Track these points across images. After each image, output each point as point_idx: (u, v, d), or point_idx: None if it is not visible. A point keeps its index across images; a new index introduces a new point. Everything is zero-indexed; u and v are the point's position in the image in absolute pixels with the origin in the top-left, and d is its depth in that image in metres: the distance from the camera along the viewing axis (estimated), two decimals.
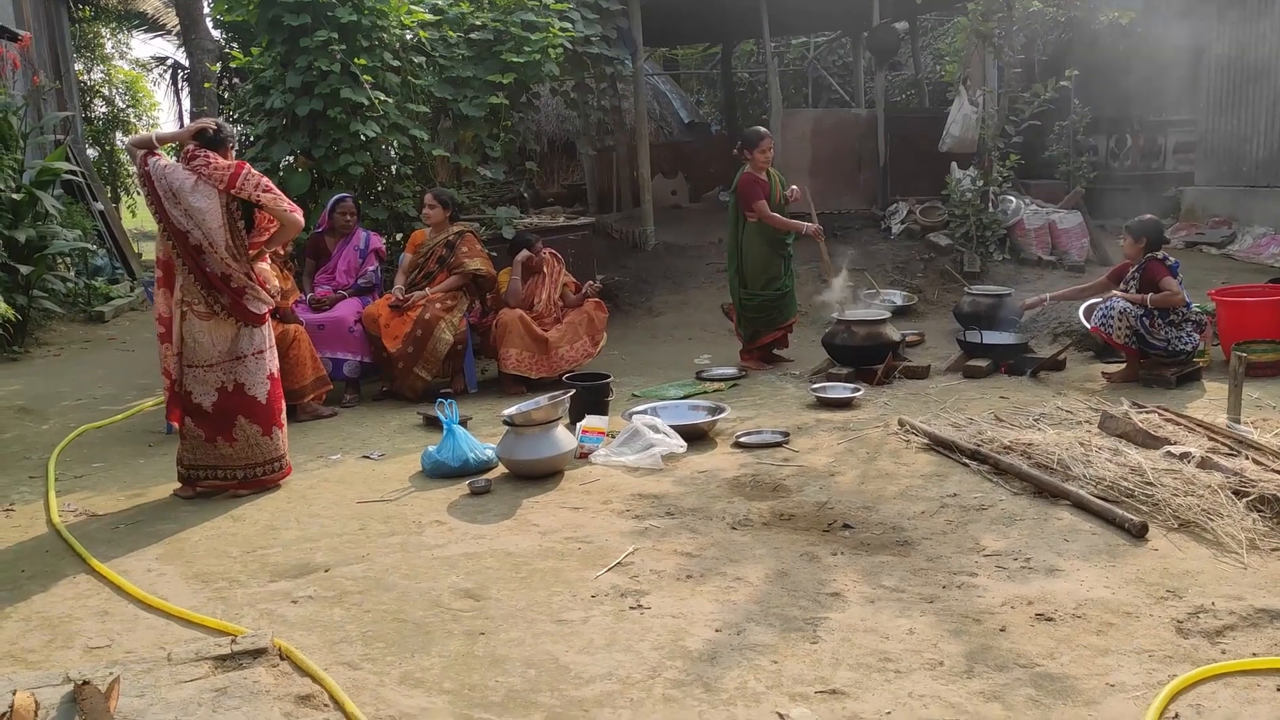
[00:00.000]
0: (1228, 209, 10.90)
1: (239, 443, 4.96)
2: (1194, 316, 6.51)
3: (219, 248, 4.80)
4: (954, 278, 9.84)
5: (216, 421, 4.94)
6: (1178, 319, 6.42)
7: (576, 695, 2.95)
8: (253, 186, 4.78)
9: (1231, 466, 4.43)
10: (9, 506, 4.95)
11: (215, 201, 4.76)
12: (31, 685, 2.82)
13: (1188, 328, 6.45)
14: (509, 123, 9.33)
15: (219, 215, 4.77)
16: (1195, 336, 6.47)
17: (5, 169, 9.26)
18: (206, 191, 4.76)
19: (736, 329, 7.68)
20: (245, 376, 4.95)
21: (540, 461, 5.04)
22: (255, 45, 8.01)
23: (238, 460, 4.97)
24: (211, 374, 4.92)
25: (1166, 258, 6.55)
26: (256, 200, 4.81)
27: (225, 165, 4.80)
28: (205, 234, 4.78)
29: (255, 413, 4.98)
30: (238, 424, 4.95)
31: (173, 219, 4.80)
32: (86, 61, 19.11)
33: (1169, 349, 6.36)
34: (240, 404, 4.95)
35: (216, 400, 4.93)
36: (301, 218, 5.00)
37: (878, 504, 4.51)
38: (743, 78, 17.68)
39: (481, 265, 7.12)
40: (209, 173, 4.76)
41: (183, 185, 4.76)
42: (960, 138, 10.65)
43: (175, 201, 4.76)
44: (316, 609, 3.60)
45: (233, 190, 4.76)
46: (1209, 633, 3.20)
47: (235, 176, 4.76)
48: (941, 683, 2.95)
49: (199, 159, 4.80)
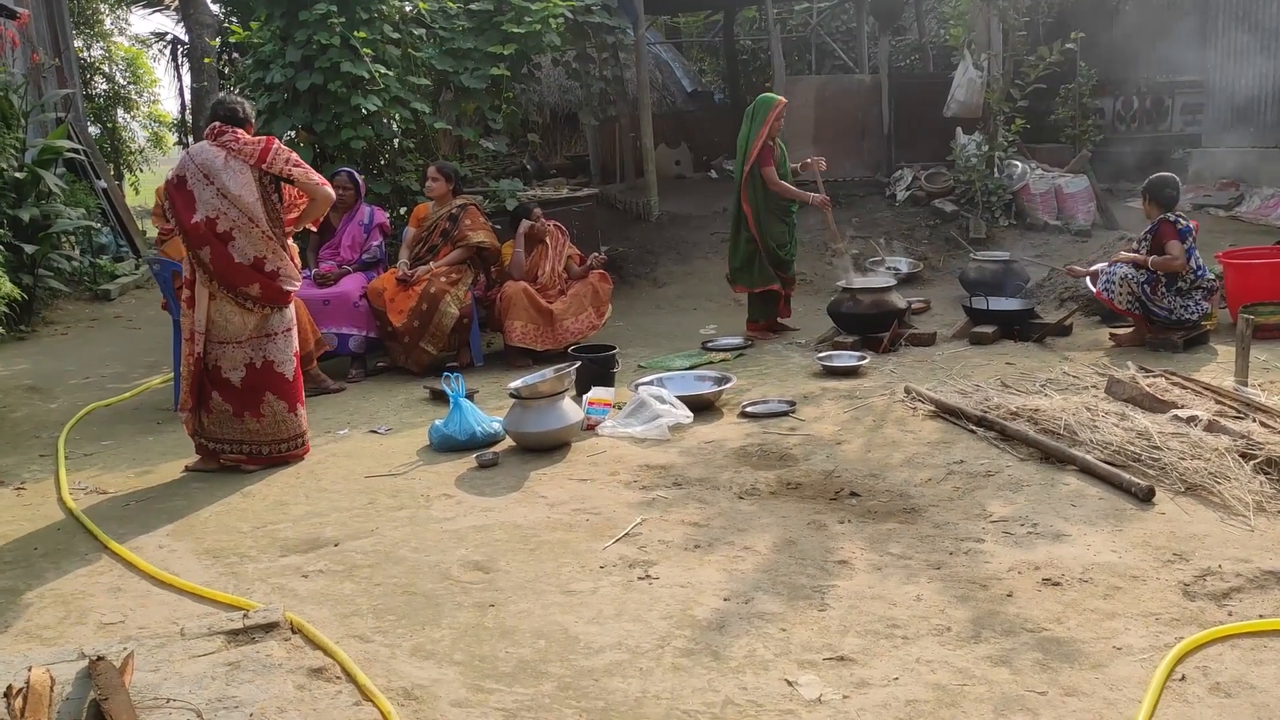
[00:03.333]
0: (1235, 170, 10.82)
1: (266, 419, 4.97)
2: (1205, 283, 6.36)
3: (261, 222, 4.78)
4: (959, 244, 9.81)
5: (245, 396, 4.94)
6: (1185, 285, 6.30)
7: (586, 665, 2.98)
8: (283, 161, 4.79)
9: (1239, 429, 4.42)
10: (20, 485, 4.98)
11: (249, 176, 4.77)
12: (47, 661, 2.85)
13: (1196, 295, 6.32)
14: (510, 94, 9.28)
15: (254, 190, 4.78)
16: (1204, 304, 6.35)
17: (7, 148, 9.24)
18: (238, 167, 4.76)
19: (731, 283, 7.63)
20: (275, 354, 4.97)
21: (547, 434, 5.05)
22: (254, 19, 7.96)
23: (265, 436, 4.98)
24: (240, 350, 4.91)
25: (1179, 220, 6.39)
26: (288, 175, 4.80)
27: (254, 141, 4.80)
28: (243, 211, 4.76)
29: (283, 390, 5.00)
30: (266, 400, 4.96)
31: (201, 206, 4.75)
32: (86, 38, 19.00)
33: (1171, 317, 6.28)
34: (269, 380, 4.96)
35: (245, 376, 4.92)
36: (332, 191, 5.00)
37: (884, 472, 4.51)
38: (745, 45, 17.53)
39: (485, 238, 7.10)
40: (239, 148, 4.76)
41: (214, 163, 4.76)
42: (965, 102, 10.58)
43: (208, 182, 4.75)
44: (327, 583, 3.63)
45: (263, 165, 4.76)
46: (1216, 595, 3.21)
47: (266, 151, 4.77)
48: (949, 648, 2.97)
49: (227, 134, 4.78)
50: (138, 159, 20.06)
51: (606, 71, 10.63)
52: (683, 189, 12.71)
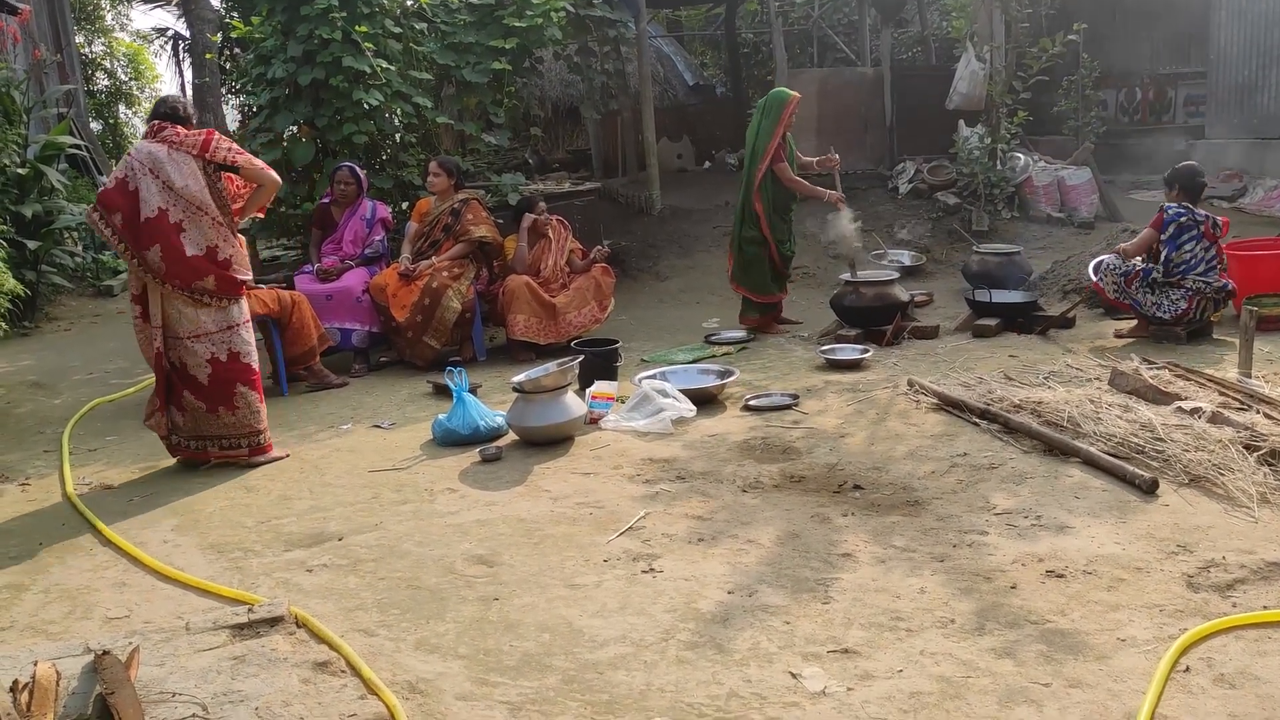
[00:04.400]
0: (1239, 162, 10.80)
1: (240, 410, 4.99)
2: (1190, 283, 6.15)
3: (209, 209, 4.84)
4: (962, 237, 9.79)
5: (216, 391, 4.96)
6: (1159, 278, 6.18)
7: (590, 658, 2.98)
8: (226, 150, 4.87)
9: (1242, 421, 4.42)
10: (25, 480, 4.99)
11: (193, 166, 4.83)
12: (53, 656, 2.86)
13: (1173, 295, 6.15)
14: (512, 88, 9.26)
15: (200, 179, 4.84)
16: (1182, 304, 6.16)
17: (9, 144, 9.25)
18: (182, 159, 4.83)
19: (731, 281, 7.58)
20: (239, 345, 4.99)
21: (550, 428, 5.06)
22: (255, 14, 7.95)
23: (241, 429, 5.01)
24: (202, 345, 4.93)
25: (1169, 207, 6.30)
26: (232, 162, 4.88)
27: (195, 133, 4.89)
28: (190, 200, 4.81)
29: (252, 380, 5.03)
30: (238, 391, 4.98)
31: (149, 201, 4.79)
32: (87, 34, 19.01)
33: (1143, 311, 6.24)
34: (237, 371, 4.98)
35: (212, 371, 4.94)
36: (277, 175, 5.07)
37: (888, 464, 4.51)
38: (747, 38, 17.49)
39: (487, 232, 7.10)
40: (180, 141, 4.84)
41: (157, 158, 4.82)
42: (968, 95, 10.56)
43: (153, 178, 4.81)
44: (331, 577, 3.64)
45: (206, 155, 4.83)
46: (1220, 586, 3.21)
47: (208, 142, 4.84)
48: (953, 640, 2.97)
49: (166, 130, 4.87)
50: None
51: (608, 65, 10.62)
52: (685, 182, 12.70)
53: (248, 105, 8.48)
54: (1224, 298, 6.28)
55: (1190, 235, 6.23)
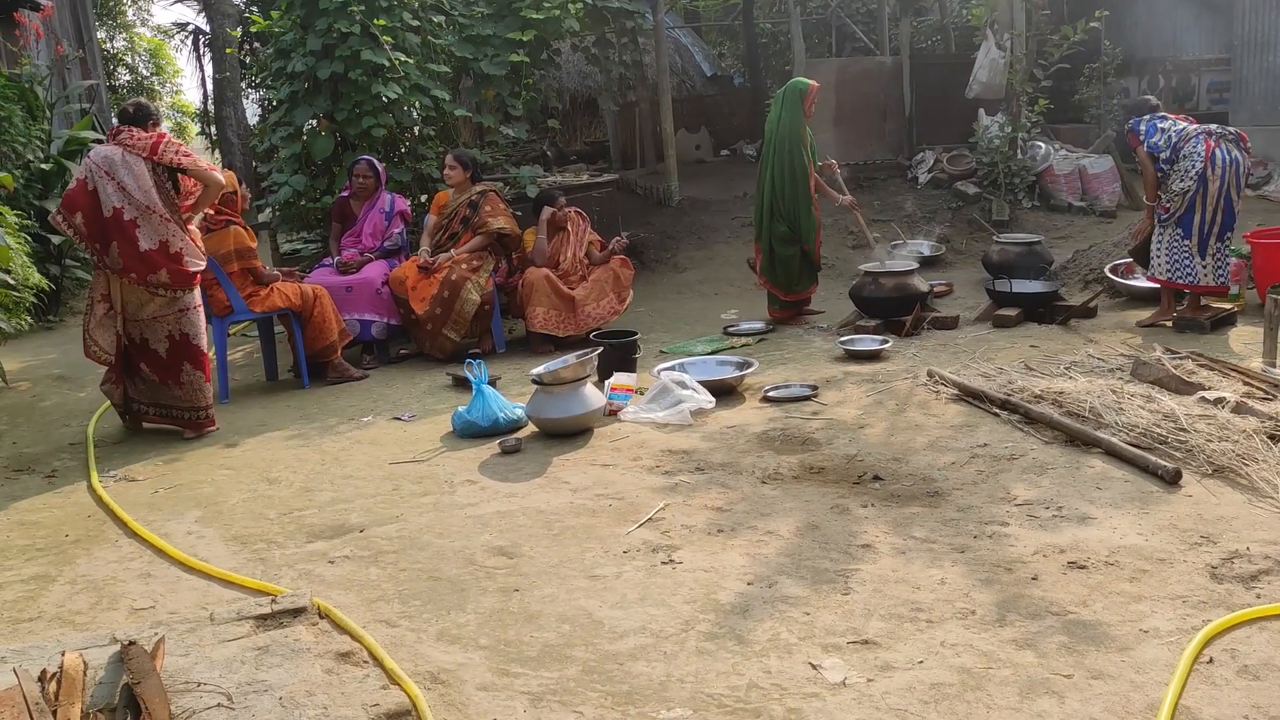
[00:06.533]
0: (1263, 149, 10.66)
1: (186, 386, 5.49)
2: (1190, 146, 6.17)
3: (158, 208, 5.27)
4: (982, 226, 9.74)
5: (168, 366, 5.46)
6: (1165, 171, 6.28)
7: (610, 649, 2.99)
8: (173, 153, 5.31)
9: (1267, 410, 4.39)
10: (51, 473, 5.05)
11: (143, 168, 5.28)
12: (80, 646, 2.89)
13: (1184, 168, 6.17)
14: (530, 80, 9.27)
15: (149, 178, 5.28)
16: (1196, 168, 6.13)
17: (33, 139, 9.32)
18: (133, 161, 5.27)
19: (759, 275, 7.56)
20: (189, 327, 5.46)
21: (570, 419, 5.07)
22: (275, 9, 7.98)
23: (185, 402, 5.51)
24: (158, 325, 5.42)
25: (1138, 122, 6.46)
26: (178, 164, 5.32)
27: (147, 135, 5.32)
28: (142, 197, 5.24)
29: (198, 360, 5.51)
30: (184, 369, 5.48)
31: (107, 200, 5.24)
32: (109, 30, 19.14)
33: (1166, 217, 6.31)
34: (186, 351, 5.47)
35: (168, 347, 5.45)
36: (222, 177, 5.55)
37: (907, 455, 4.50)
38: (765, 28, 17.41)
39: (505, 224, 7.12)
40: (133, 143, 5.29)
41: (113, 160, 5.28)
42: (988, 83, 10.48)
43: (109, 179, 5.25)
44: (353, 568, 3.66)
45: (154, 157, 5.28)
46: (1243, 578, 3.18)
47: (156, 145, 5.29)
48: (973, 632, 2.96)
49: (123, 133, 5.33)
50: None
51: (626, 56, 10.61)
52: (703, 173, 12.68)
53: (267, 99, 8.53)
54: (1239, 139, 6.31)
55: (1161, 118, 6.44)
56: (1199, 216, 6.19)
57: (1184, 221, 6.24)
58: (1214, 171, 6.10)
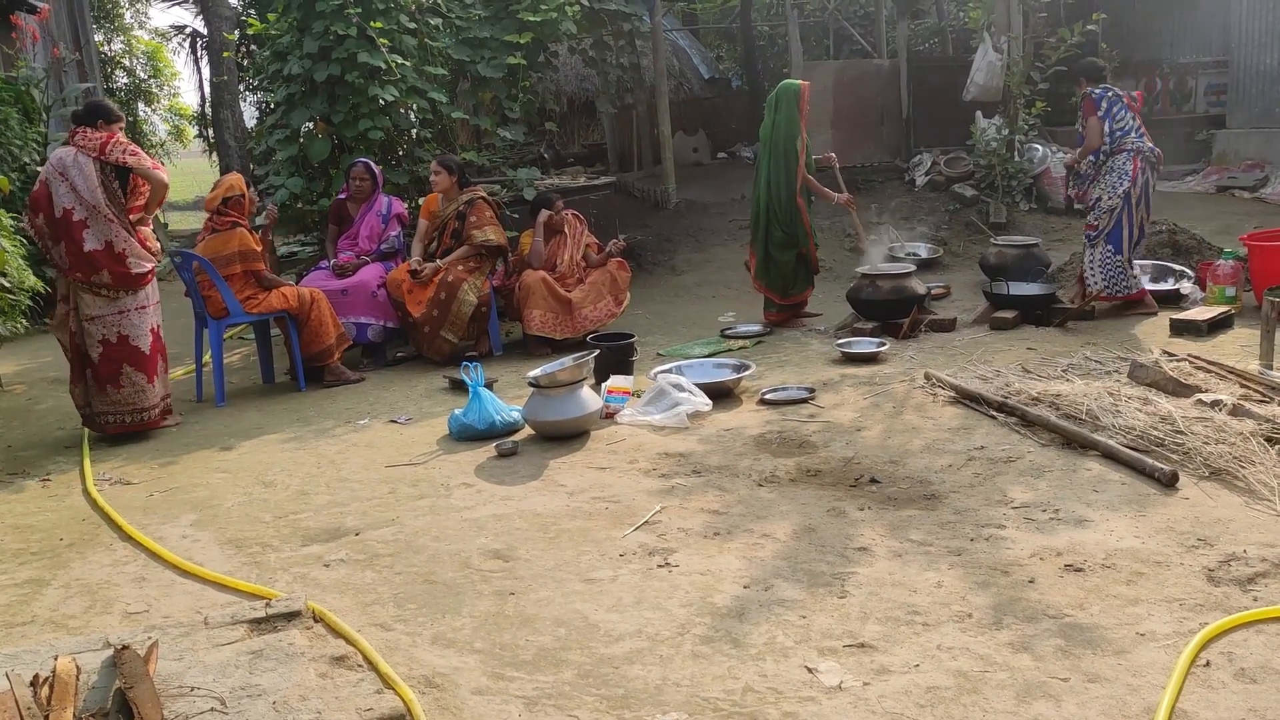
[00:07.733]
0: (1260, 151, 10.69)
1: (125, 389, 5.48)
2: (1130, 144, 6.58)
3: (101, 207, 5.31)
4: (980, 228, 9.74)
5: (105, 369, 5.43)
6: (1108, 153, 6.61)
7: (606, 653, 2.98)
8: (120, 151, 5.35)
9: (1264, 413, 4.38)
10: (45, 477, 5.04)
11: (92, 168, 5.32)
12: (72, 650, 2.88)
13: (1119, 161, 6.60)
14: (527, 83, 9.26)
15: (94, 178, 5.32)
16: (1128, 168, 6.61)
17: (29, 142, 9.31)
18: (84, 161, 5.33)
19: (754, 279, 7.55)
20: (129, 329, 5.46)
21: (566, 422, 5.06)
22: (272, 11, 7.97)
23: (126, 405, 5.49)
24: (94, 326, 5.42)
25: (1092, 90, 6.73)
26: (124, 163, 5.35)
27: (97, 135, 5.37)
28: (89, 197, 5.30)
29: (139, 362, 5.50)
30: (124, 372, 5.47)
31: (59, 200, 5.31)
32: (106, 32, 19.11)
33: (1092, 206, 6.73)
34: (125, 353, 5.46)
35: (103, 351, 5.43)
36: (167, 176, 5.57)
37: (904, 458, 4.50)
38: (762, 31, 17.45)
39: (492, 235, 7.06)
40: (84, 144, 5.35)
41: (65, 161, 5.35)
42: (985, 86, 10.48)
43: (62, 179, 5.33)
44: (348, 572, 3.65)
45: (103, 156, 5.32)
46: (1240, 580, 3.18)
47: (105, 144, 5.34)
48: (970, 635, 2.95)
49: (78, 134, 5.39)
50: (158, 152, 20.17)
51: (623, 59, 10.61)
52: (700, 176, 12.68)
53: (264, 102, 8.52)
54: (1157, 160, 6.86)
55: (1119, 105, 6.74)
56: (1125, 231, 6.70)
57: (1113, 237, 6.74)
58: (1136, 190, 6.64)
